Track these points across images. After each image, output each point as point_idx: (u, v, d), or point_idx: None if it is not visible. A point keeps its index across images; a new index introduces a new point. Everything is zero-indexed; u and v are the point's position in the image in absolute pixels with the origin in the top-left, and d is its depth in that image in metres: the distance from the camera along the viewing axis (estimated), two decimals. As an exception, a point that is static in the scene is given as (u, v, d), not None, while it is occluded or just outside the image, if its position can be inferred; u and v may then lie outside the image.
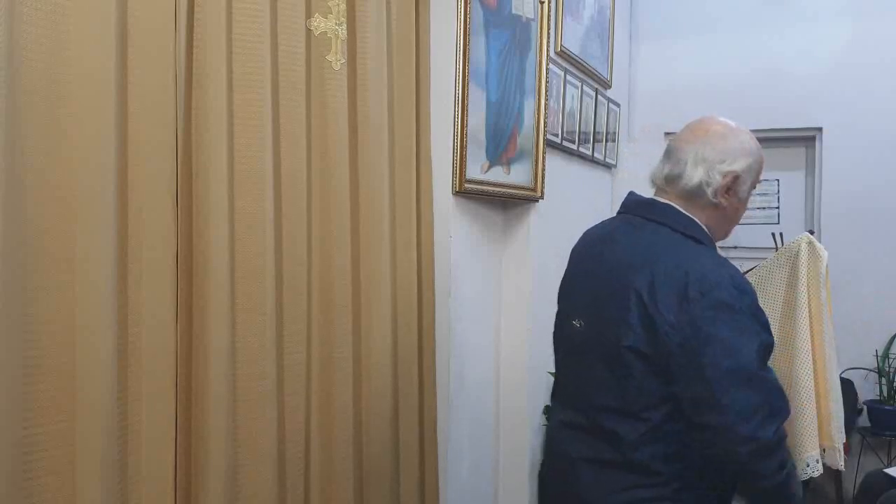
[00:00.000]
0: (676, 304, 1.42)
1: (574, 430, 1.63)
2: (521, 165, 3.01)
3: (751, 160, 1.56)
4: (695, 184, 1.54)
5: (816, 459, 2.20)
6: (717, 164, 1.54)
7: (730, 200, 1.57)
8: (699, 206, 1.56)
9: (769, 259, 2.37)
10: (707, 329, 1.40)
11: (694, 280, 1.43)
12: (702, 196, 1.55)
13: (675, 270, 1.44)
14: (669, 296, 1.43)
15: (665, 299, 1.43)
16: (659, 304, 1.43)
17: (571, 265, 1.75)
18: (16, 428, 1.43)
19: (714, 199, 1.55)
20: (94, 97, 1.55)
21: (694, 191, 1.55)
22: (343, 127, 2.15)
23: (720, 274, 1.45)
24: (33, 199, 1.47)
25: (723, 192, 1.55)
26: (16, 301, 1.42)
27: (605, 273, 1.57)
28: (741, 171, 1.55)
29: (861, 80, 4.37)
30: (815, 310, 2.28)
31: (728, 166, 1.54)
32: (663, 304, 1.43)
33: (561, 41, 3.42)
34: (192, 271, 1.79)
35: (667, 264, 1.46)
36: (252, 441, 1.88)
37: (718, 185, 1.54)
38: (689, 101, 4.65)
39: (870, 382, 4.28)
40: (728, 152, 1.55)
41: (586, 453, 1.58)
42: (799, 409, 2.21)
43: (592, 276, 1.62)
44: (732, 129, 1.59)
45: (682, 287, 1.43)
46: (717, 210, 1.57)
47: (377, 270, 2.26)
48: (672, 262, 1.46)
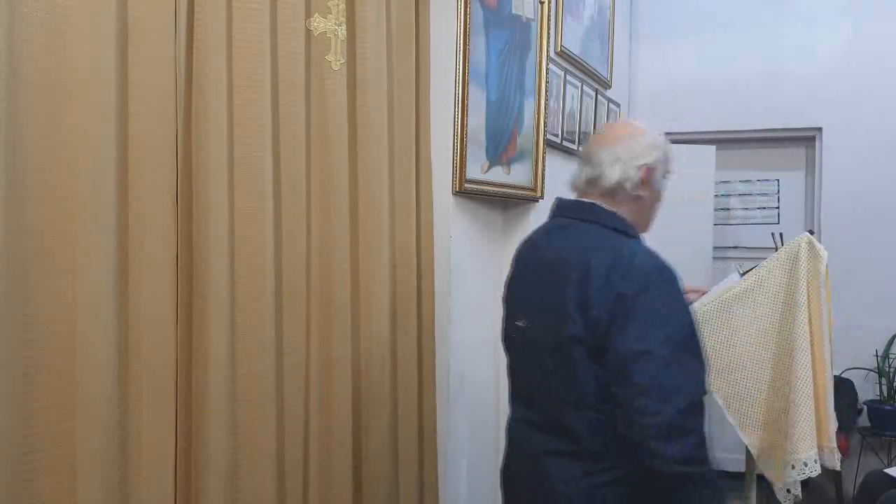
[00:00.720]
0: (605, 289, 1.51)
1: (534, 426, 1.70)
2: (521, 165, 3.01)
3: (659, 153, 1.69)
4: (614, 181, 1.66)
5: (815, 459, 2.21)
6: (631, 161, 1.66)
7: (647, 192, 1.69)
8: (620, 201, 1.68)
9: (769, 259, 2.37)
10: (629, 311, 1.49)
11: (621, 267, 1.53)
12: (622, 191, 1.67)
13: (605, 260, 1.55)
14: (600, 283, 1.53)
15: (596, 287, 1.53)
16: (591, 292, 1.53)
17: (513, 270, 1.83)
18: (16, 428, 1.43)
19: (634, 192, 1.67)
20: (94, 97, 1.55)
21: (614, 188, 1.67)
22: (343, 127, 2.15)
23: (645, 261, 1.55)
24: (33, 199, 1.47)
25: (640, 185, 1.67)
26: (16, 301, 1.42)
27: (543, 272, 1.67)
28: (653, 163, 1.68)
29: (861, 80, 4.37)
30: (815, 310, 2.28)
31: (641, 161, 1.67)
32: (594, 292, 1.52)
33: (561, 41, 3.42)
34: (192, 271, 1.79)
35: (598, 256, 1.56)
36: (252, 441, 1.88)
37: (636, 179, 1.66)
38: (689, 101, 4.67)
39: (870, 382, 4.28)
40: (639, 149, 1.68)
41: (550, 446, 1.65)
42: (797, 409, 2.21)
43: (532, 277, 1.71)
44: (638, 129, 1.73)
45: (610, 274, 1.52)
46: (637, 203, 1.69)
47: (377, 270, 2.26)
48: (602, 253, 1.57)
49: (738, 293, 2.34)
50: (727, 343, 2.30)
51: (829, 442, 2.27)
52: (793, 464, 2.20)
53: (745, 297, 2.33)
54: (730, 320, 2.33)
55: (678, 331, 1.50)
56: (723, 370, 2.31)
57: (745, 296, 2.33)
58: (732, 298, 2.33)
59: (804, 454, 2.19)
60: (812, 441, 2.21)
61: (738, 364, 2.31)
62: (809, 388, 2.23)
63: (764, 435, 2.32)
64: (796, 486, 2.24)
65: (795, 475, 2.20)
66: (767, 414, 2.30)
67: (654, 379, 1.45)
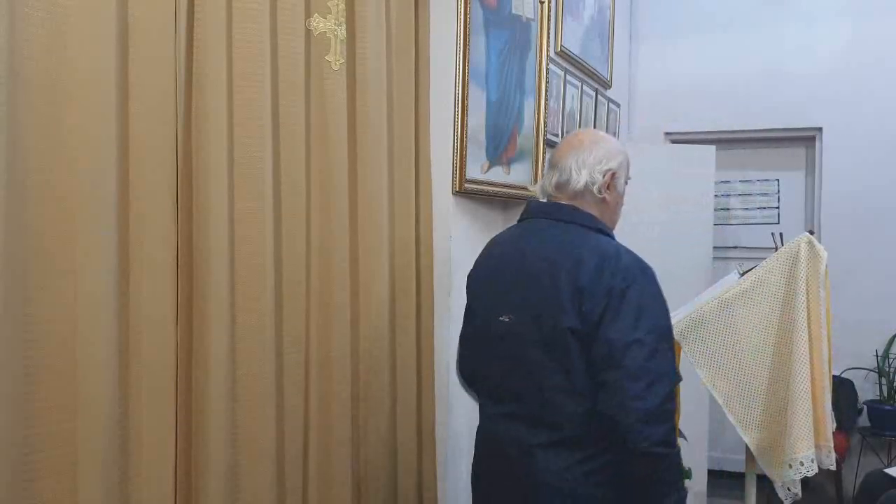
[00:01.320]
0: (596, 284, 1.64)
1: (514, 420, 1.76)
2: (521, 165, 3.01)
3: (621, 158, 1.83)
4: (582, 185, 1.79)
5: (812, 459, 2.21)
6: (596, 166, 1.80)
7: (611, 194, 1.82)
8: (588, 203, 1.81)
9: (769, 259, 2.37)
10: (620, 304, 1.62)
11: (610, 264, 1.66)
12: (589, 194, 1.80)
13: (593, 257, 1.68)
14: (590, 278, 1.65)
15: (587, 282, 1.65)
16: (583, 286, 1.65)
17: (483, 269, 1.92)
18: (17, 428, 1.43)
19: (599, 194, 1.80)
20: (94, 97, 1.55)
21: (582, 191, 1.79)
22: (343, 127, 2.15)
23: (630, 259, 1.69)
24: (33, 199, 1.47)
25: (605, 188, 1.80)
26: (16, 301, 1.42)
27: (531, 270, 1.76)
28: (616, 167, 1.81)
29: (861, 80, 4.37)
30: (814, 310, 2.28)
31: (605, 165, 1.80)
32: (586, 286, 1.65)
33: (561, 41, 3.42)
34: (192, 271, 1.79)
35: (586, 253, 1.69)
36: (252, 441, 1.88)
37: (601, 182, 1.79)
38: (689, 101, 4.67)
39: (870, 382, 4.29)
40: (602, 154, 1.81)
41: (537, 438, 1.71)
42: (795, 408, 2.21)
43: (517, 275, 1.79)
44: (601, 136, 1.90)
45: (600, 269, 1.65)
46: (602, 204, 1.82)
47: (376, 270, 2.26)
48: (589, 250, 1.70)
49: (738, 293, 2.34)
50: (727, 343, 2.30)
51: (826, 441, 2.27)
52: (790, 463, 2.20)
53: (745, 297, 2.33)
54: (729, 320, 2.33)
55: (661, 322, 1.66)
56: (722, 370, 2.31)
57: (744, 295, 2.33)
58: (732, 298, 2.33)
59: (801, 453, 2.19)
60: (810, 440, 2.21)
61: (737, 363, 2.31)
62: (808, 387, 2.23)
63: (763, 434, 2.32)
64: (796, 484, 2.24)
65: (793, 474, 2.21)
66: (767, 413, 2.30)
67: (643, 366, 1.59)
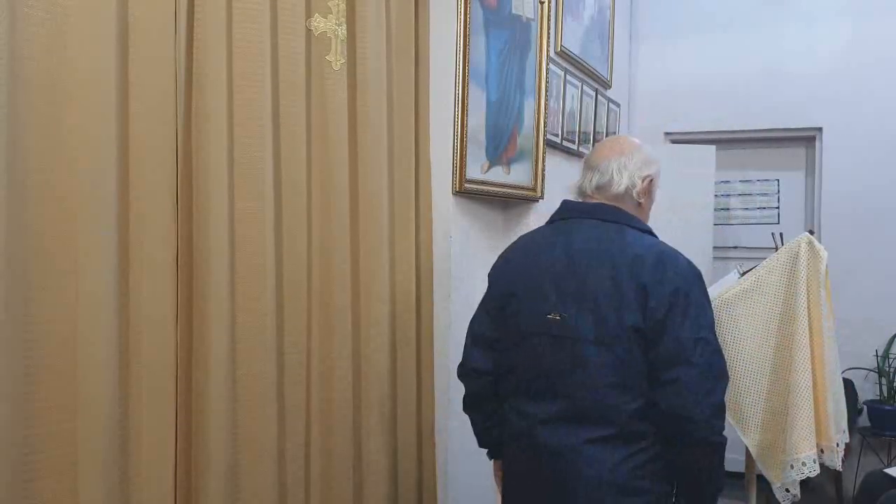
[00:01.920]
0: (660, 284, 1.71)
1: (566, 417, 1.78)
2: (521, 165, 3.01)
3: (657, 166, 1.93)
4: (623, 188, 1.86)
5: (813, 459, 2.20)
6: (636, 171, 1.88)
7: (647, 199, 1.92)
8: (628, 206, 1.88)
9: (769, 259, 2.37)
10: (686, 303, 1.70)
11: (670, 263, 1.74)
12: (629, 198, 1.88)
13: (651, 256, 1.75)
14: (652, 277, 1.71)
15: (650, 280, 1.71)
16: (646, 284, 1.71)
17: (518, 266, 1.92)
18: (17, 428, 1.43)
19: (638, 199, 1.89)
20: (95, 97, 1.55)
21: (622, 194, 1.87)
22: (343, 127, 2.15)
23: (685, 260, 1.77)
24: (34, 199, 1.47)
25: (643, 193, 1.89)
26: (16, 301, 1.42)
27: (584, 267, 1.78)
28: (654, 174, 1.91)
29: (861, 80, 4.37)
30: (815, 310, 2.28)
31: (644, 171, 1.89)
32: (649, 284, 1.71)
33: (561, 41, 3.42)
34: (192, 271, 1.79)
35: (643, 251, 1.76)
36: (252, 441, 1.88)
37: (640, 187, 1.88)
38: (689, 101, 4.67)
39: (870, 382, 4.28)
40: (643, 160, 1.90)
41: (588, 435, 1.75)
42: (797, 409, 2.21)
43: (568, 272, 1.80)
44: (641, 144, 1.96)
45: (662, 268, 1.72)
46: (638, 209, 1.90)
47: (377, 270, 2.26)
48: (645, 249, 1.77)
49: (738, 293, 2.34)
50: (727, 343, 2.30)
51: (828, 442, 2.27)
52: (792, 464, 2.20)
53: (745, 297, 2.33)
54: (729, 320, 2.33)
55: (713, 322, 1.75)
56: (723, 370, 2.31)
57: (744, 295, 2.33)
58: (732, 298, 2.33)
59: (803, 454, 2.19)
60: (811, 441, 2.21)
61: (737, 364, 2.31)
62: (809, 388, 2.23)
63: (763, 435, 2.31)
64: (795, 485, 2.24)
65: (794, 475, 2.20)
66: (767, 414, 2.30)
67: (710, 362, 1.68)
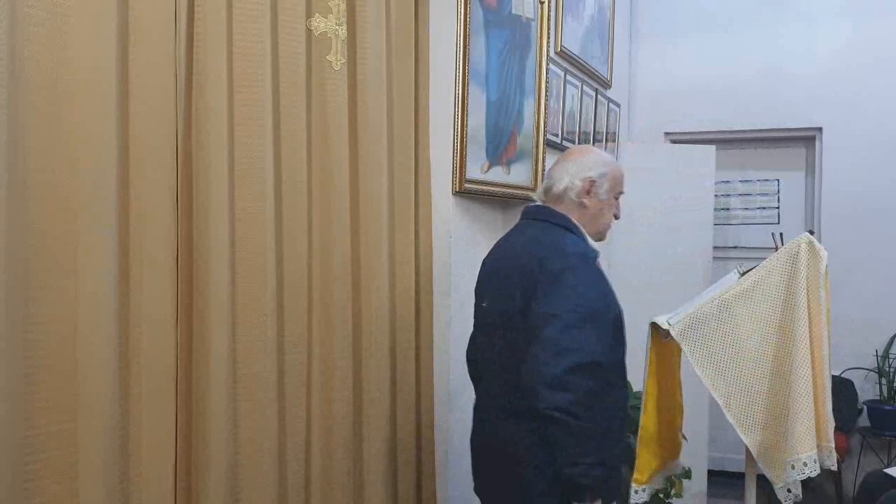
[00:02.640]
0: (540, 269, 1.86)
1: (492, 395, 2.01)
2: (521, 165, 3.01)
3: (604, 169, 2.02)
4: (561, 188, 2.01)
5: (814, 459, 2.20)
6: (577, 174, 2.01)
7: (591, 200, 2.00)
8: (568, 206, 2.01)
9: (769, 259, 2.37)
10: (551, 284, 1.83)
11: (552, 251, 1.89)
12: (568, 198, 2.00)
13: (542, 249, 1.91)
14: (540, 265, 1.86)
15: (537, 267, 1.86)
16: (533, 271, 1.86)
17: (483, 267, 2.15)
18: (17, 429, 1.43)
19: (577, 199, 2.00)
20: (95, 97, 1.55)
21: (561, 194, 2.01)
22: (343, 127, 2.15)
23: (571, 247, 1.90)
24: (34, 199, 1.47)
25: (583, 194, 1.99)
26: (16, 301, 1.42)
27: (505, 262, 2.02)
28: (596, 176, 2.00)
29: (861, 80, 4.37)
30: (815, 310, 2.28)
31: (585, 173, 2.00)
32: (531, 272, 1.86)
33: (561, 41, 3.42)
34: (192, 271, 1.79)
35: (543, 244, 1.93)
36: (252, 441, 1.88)
37: (578, 188, 1.99)
38: (689, 101, 4.67)
39: (870, 382, 4.29)
40: (584, 164, 2.02)
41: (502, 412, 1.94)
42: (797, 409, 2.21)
43: (496, 269, 2.05)
44: (590, 150, 2.14)
45: (544, 259, 1.87)
46: (581, 209, 2.00)
47: (377, 270, 2.26)
48: (546, 243, 1.93)
49: (738, 293, 2.33)
50: (727, 343, 2.29)
51: (827, 442, 2.27)
52: (793, 463, 2.20)
53: (745, 297, 2.33)
54: (730, 320, 2.32)
55: (587, 304, 1.81)
56: (722, 370, 2.31)
57: (744, 295, 2.33)
58: (732, 298, 2.33)
59: (804, 454, 2.19)
60: (812, 441, 2.21)
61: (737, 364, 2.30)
62: (809, 387, 2.23)
63: (764, 435, 2.31)
64: (796, 485, 2.24)
65: (795, 475, 2.20)
66: (767, 414, 2.30)
67: (554, 337, 1.77)
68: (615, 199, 2.06)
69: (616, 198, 2.06)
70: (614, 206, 2.06)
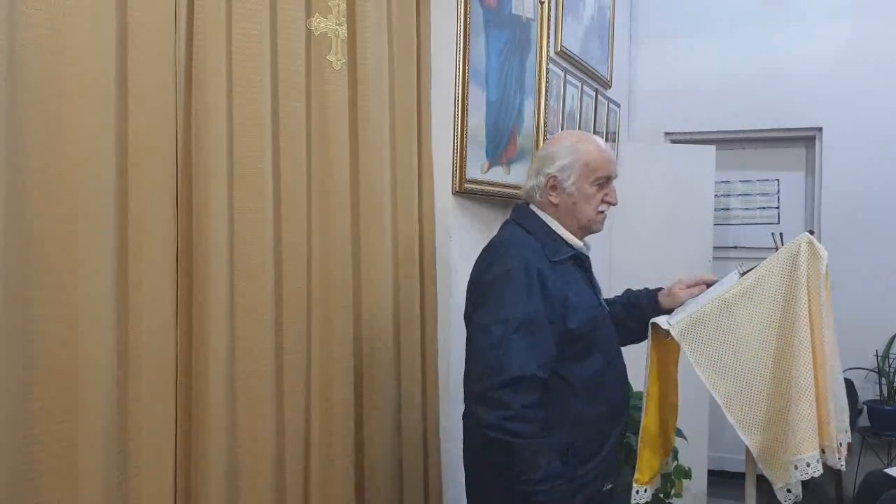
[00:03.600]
0: (478, 278, 1.83)
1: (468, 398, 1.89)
2: (522, 165, 3.00)
3: (567, 160, 1.86)
4: (529, 188, 1.92)
5: (816, 459, 2.20)
6: (539, 170, 1.90)
7: (560, 196, 1.88)
8: (539, 204, 1.91)
9: (769, 259, 2.36)
10: (484, 294, 1.78)
11: (494, 258, 1.82)
12: (534, 197, 1.91)
13: (487, 254, 1.86)
14: (477, 267, 1.86)
15: (477, 277, 1.84)
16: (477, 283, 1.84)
17: None
18: (17, 428, 1.43)
19: (541, 198, 1.89)
20: (94, 97, 1.55)
21: (528, 193, 1.92)
22: (343, 127, 2.15)
23: (514, 255, 1.79)
24: (33, 199, 1.46)
25: (547, 191, 1.88)
26: (16, 301, 1.42)
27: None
28: (556, 171, 1.86)
29: (861, 80, 4.37)
30: (815, 310, 2.28)
31: (546, 169, 1.88)
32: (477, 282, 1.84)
33: (561, 41, 3.42)
34: (192, 271, 1.79)
35: (489, 250, 1.88)
36: (252, 441, 1.88)
37: (542, 186, 1.88)
38: (689, 101, 4.67)
39: (870, 382, 4.29)
40: (546, 159, 1.89)
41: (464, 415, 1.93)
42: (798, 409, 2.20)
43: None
44: (556, 139, 1.97)
45: (486, 266, 1.82)
46: (553, 207, 1.89)
47: (377, 270, 2.26)
48: (492, 248, 1.87)
49: (738, 293, 2.33)
50: (727, 343, 2.29)
51: (829, 441, 2.27)
52: (795, 464, 2.20)
53: (745, 297, 2.32)
54: (730, 320, 2.32)
55: (516, 315, 1.71)
56: (723, 370, 2.30)
57: (745, 295, 2.32)
58: (732, 298, 2.32)
59: (807, 454, 2.18)
60: (814, 441, 2.20)
61: (738, 364, 2.30)
62: (811, 387, 2.22)
63: (764, 435, 2.31)
64: (797, 486, 2.23)
65: (798, 475, 2.20)
66: (768, 414, 2.30)
67: (483, 353, 1.70)
68: (596, 186, 1.88)
69: (598, 184, 1.88)
70: (596, 196, 1.88)
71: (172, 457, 1.71)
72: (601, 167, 1.87)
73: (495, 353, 1.67)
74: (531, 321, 1.72)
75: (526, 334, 1.70)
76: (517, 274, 1.74)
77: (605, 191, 1.90)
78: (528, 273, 1.75)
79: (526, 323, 1.71)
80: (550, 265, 1.81)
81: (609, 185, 1.91)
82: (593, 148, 1.89)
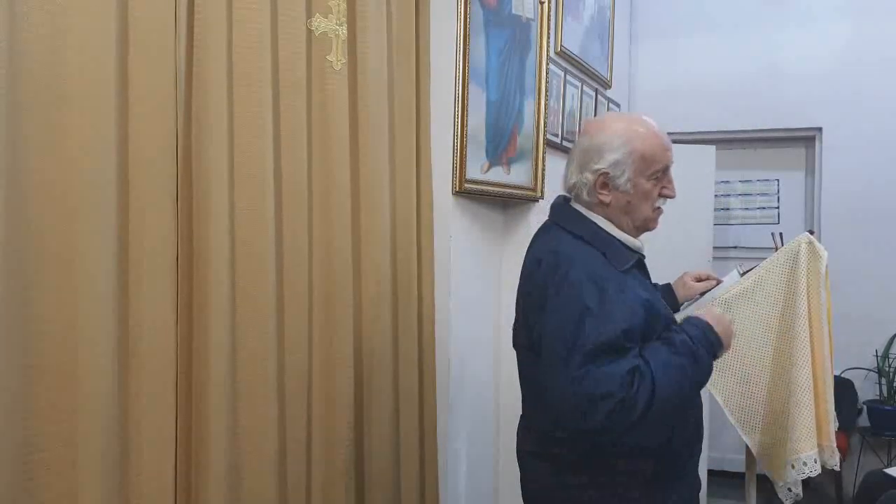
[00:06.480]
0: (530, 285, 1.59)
1: (522, 426, 1.75)
2: (521, 165, 3.01)
3: (621, 153, 1.57)
4: (572, 184, 1.62)
5: (815, 459, 2.20)
6: (584, 165, 1.59)
7: (612, 194, 1.59)
8: (585, 203, 1.62)
9: (769, 259, 2.37)
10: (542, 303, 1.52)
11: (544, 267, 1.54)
12: (580, 195, 1.62)
13: (545, 257, 1.56)
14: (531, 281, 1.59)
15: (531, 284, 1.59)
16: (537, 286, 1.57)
17: None
18: (17, 428, 1.43)
19: (589, 197, 1.60)
20: (95, 97, 1.55)
21: (573, 191, 1.63)
22: (343, 127, 2.15)
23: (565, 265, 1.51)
24: (33, 198, 1.46)
25: (598, 189, 1.59)
26: (16, 301, 1.42)
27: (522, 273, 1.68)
28: (608, 167, 1.57)
29: (861, 80, 4.37)
30: (815, 310, 2.28)
31: (594, 164, 1.58)
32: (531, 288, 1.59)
33: (561, 41, 3.42)
34: (192, 271, 1.79)
35: (543, 253, 1.57)
36: (252, 441, 1.88)
37: (590, 183, 1.58)
38: (689, 101, 4.66)
39: (870, 382, 4.28)
40: (592, 152, 1.58)
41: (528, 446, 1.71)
42: (798, 408, 2.21)
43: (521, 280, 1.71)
44: (604, 126, 1.63)
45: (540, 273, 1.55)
46: (603, 207, 1.61)
47: (377, 271, 2.26)
48: (547, 252, 1.57)
49: (738, 293, 2.33)
50: (727, 343, 2.29)
51: (829, 441, 2.27)
52: (793, 463, 2.20)
53: (746, 297, 2.33)
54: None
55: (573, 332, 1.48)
56: (723, 370, 2.31)
57: (745, 295, 2.33)
58: (732, 298, 2.33)
59: (805, 453, 2.19)
60: (813, 440, 2.21)
61: (737, 364, 2.31)
62: (810, 387, 2.23)
63: (765, 434, 2.32)
64: (797, 485, 2.24)
65: (796, 475, 2.20)
66: (768, 413, 2.30)
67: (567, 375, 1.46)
68: (653, 180, 1.59)
69: (655, 178, 1.59)
70: (653, 191, 1.60)
71: (173, 457, 1.71)
72: (659, 157, 1.58)
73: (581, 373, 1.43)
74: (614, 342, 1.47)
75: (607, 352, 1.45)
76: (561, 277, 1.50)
77: (661, 183, 1.62)
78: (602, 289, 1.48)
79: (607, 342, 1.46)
80: (620, 275, 1.55)
81: (666, 177, 1.63)
82: (648, 134, 1.59)
